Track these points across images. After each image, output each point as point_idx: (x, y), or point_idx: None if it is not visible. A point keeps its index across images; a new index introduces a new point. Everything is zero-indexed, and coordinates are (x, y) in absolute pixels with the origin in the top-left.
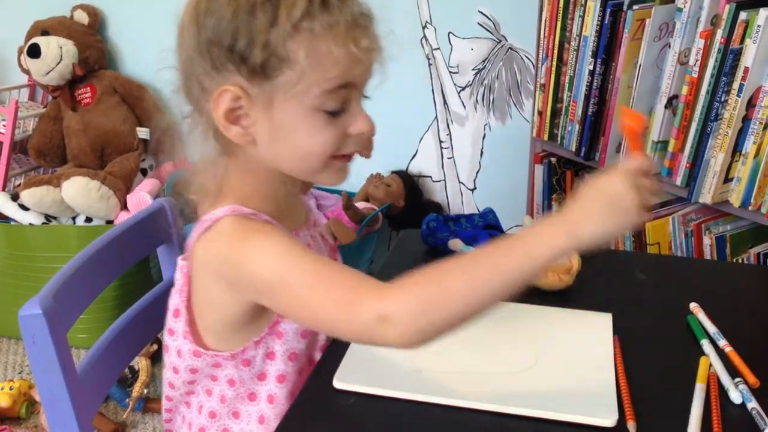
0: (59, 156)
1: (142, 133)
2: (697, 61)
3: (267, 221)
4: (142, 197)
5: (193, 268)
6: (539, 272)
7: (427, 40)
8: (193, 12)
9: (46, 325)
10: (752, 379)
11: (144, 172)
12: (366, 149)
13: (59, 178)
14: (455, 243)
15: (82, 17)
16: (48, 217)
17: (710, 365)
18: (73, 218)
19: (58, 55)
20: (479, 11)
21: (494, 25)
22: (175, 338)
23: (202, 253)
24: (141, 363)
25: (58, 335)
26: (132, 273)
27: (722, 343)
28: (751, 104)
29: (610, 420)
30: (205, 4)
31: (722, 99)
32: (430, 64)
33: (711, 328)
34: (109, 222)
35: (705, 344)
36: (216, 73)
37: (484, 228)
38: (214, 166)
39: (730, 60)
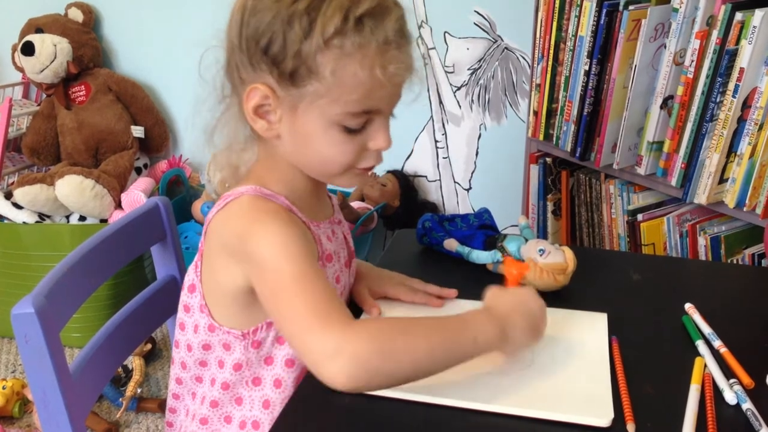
0: (53, 154)
1: (137, 131)
2: (692, 61)
3: (285, 205)
4: (136, 196)
5: (205, 242)
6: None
7: (422, 39)
8: (241, 6)
9: (38, 324)
10: (747, 379)
11: (138, 171)
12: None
13: (53, 177)
14: (450, 243)
15: (76, 15)
16: (41, 216)
17: (705, 366)
18: (67, 217)
19: (53, 53)
20: (475, 11)
21: (490, 25)
22: (191, 314)
23: (216, 225)
24: (135, 362)
25: (51, 334)
26: (126, 272)
27: (717, 343)
28: (746, 105)
29: (605, 420)
30: (252, 2)
31: (717, 100)
32: (425, 64)
33: (706, 328)
34: (103, 221)
35: (700, 345)
36: (251, 69)
37: (479, 228)
38: (243, 148)
39: (725, 61)
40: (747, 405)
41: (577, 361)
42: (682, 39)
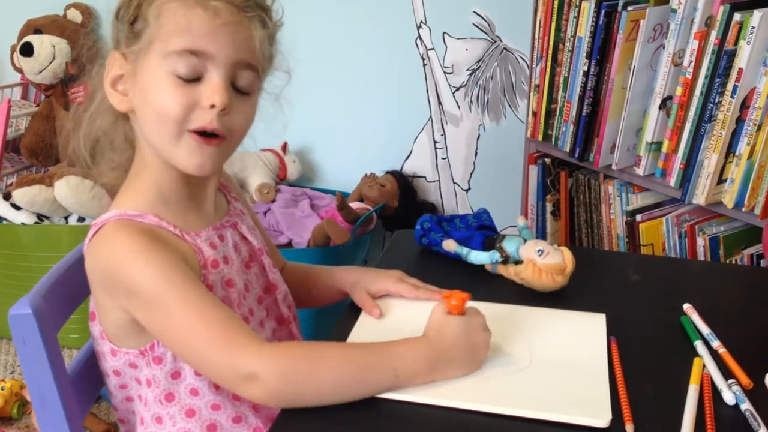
0: (52, 155)
1: None
2: (691, 62)
3: (153, 223)
4: None
5: (87, 272)
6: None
7: (421, 40)
8: None
9: (36, 325)
10: (745, 380)
11: None
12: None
13: (52, 178)
14: (449, 244)
15: (75, 16)
16: (40, 217)
17: (704, 366)
18: (66, 218)
19: (51, 53)
20: (474, 12)
21: (489, 26)
22: (97, 343)
23: (87, 257)
24: None
25: (48, 335)
26: None
27: (716, 344)
28: (744, 105)
29: (603, 420)
30: None
31: (716, 100)
32: (424, 65)
33: (704, 329)
34: None
35: (699, 345)
36: (114, 44)
37: (478, 228)
38: (121, 158)
39: (724, 61)
40: (745, 405)
41: (575, 362)
42: (680, 39)
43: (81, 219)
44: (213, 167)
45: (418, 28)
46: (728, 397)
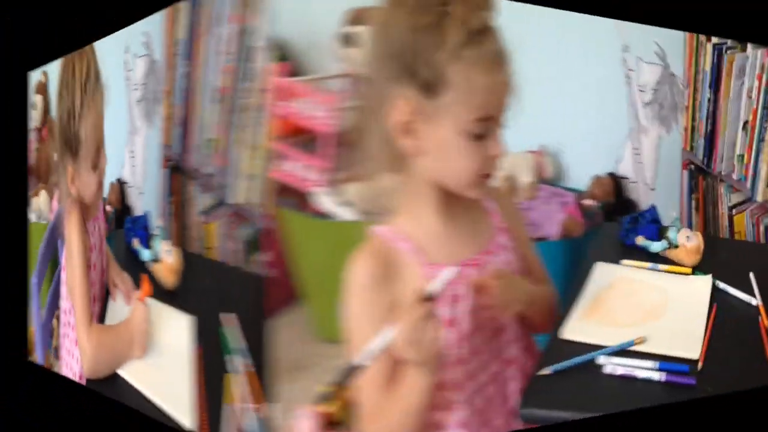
0: None
1: None
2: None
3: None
4: None
5: None
6: None
7: None
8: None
9: None
10: (259, 402)
11: None
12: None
13: None
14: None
15: None
16: None
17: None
18: None
19: None
20: None
21: None
22: None
23: None
24: None
25: None
26: None
27: (243, 361)
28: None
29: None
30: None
31: None
32: None
33: (239, 343)
34: None
35: (232, 360)
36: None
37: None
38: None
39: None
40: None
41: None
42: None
43: None
44: None
45: None
46: (245, 423)
